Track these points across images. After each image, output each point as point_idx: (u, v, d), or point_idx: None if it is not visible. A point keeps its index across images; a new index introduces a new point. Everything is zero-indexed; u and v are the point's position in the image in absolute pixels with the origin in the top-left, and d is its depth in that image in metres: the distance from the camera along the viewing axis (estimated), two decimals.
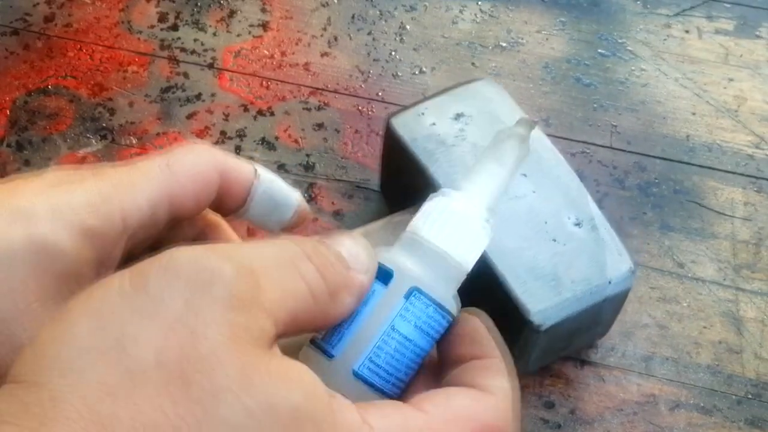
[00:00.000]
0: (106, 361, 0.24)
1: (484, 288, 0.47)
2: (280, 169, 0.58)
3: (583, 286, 0.45)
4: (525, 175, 0.48)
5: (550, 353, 0.49)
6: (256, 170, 0.38)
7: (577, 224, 0.47)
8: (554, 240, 0.46)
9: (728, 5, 0.66)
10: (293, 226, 0.40)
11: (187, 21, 0.65)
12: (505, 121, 0.50)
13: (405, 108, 0.51)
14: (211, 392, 0.24)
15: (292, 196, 0.39)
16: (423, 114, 0.50)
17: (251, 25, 0.65)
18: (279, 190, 0.39)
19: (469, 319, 0.32)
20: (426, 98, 0.52)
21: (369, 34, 0.64)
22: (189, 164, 0.34)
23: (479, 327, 0.32)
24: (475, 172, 0.33)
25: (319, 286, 0.29)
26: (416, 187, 0.50)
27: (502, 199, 0.47)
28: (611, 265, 0.46)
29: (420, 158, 0.49)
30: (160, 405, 0.24)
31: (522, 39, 0.64)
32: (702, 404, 0.50)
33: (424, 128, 0.50)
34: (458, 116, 0.50)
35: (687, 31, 0.65)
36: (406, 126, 0.50)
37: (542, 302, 0.44)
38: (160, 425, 0.24)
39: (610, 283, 0.45)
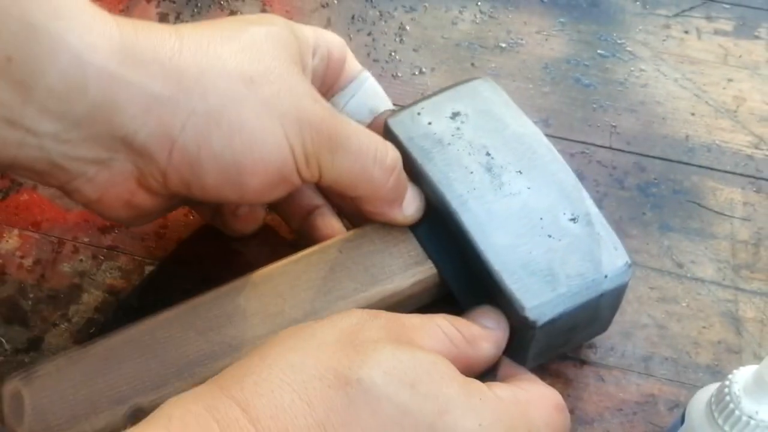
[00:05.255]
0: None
1: (480, 286, 0.47)
2: None
3: (578, 281, 0.45)
4: (520, 172, 0.48)
5: (548, 351, 0.48)
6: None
7: (573, 219, 0.47)
8: (549, 236, 0.46)
9: (727, 6, 0.66)
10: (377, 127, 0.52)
11: (187, 22, 0.65)
12: (501, 118, 0.50)
13: (401, 108, 0.52)
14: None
15: (388, 100, 0.54)
16: (419, 114, 0.51)
17: None
18: (380, 89, 0.54)
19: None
20: (423, 98, 0.52)
21: (369, 34, 0.65)
22: (330, 33, 0.50)
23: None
24: None
25: (456, 335, 0.42)
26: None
27: (496, 196, 0.47)
28: (607, 259, 0.46)
29: (416, 157, 0.49)
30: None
31: (522, 39, 0.64)
32: None
33: (421, 127, 0.50)
34: (455, 115, 0.50)
35: (686, 32, 0.65)
36: (402, 126, 0.50)
37: (537, 298, 0.44)
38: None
39: (606, 277, 0.45)
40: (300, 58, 0.46)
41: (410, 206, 0.48)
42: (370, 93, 0.52)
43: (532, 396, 0.41)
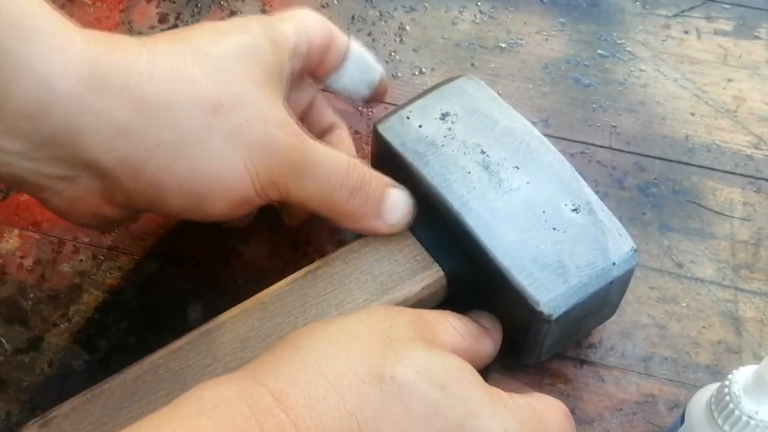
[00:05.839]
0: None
1: (486, 285, 0.47)
2: None
3: (588, 270, 0.45)
4: (517, 167, 0.48)
5: (561, 342, 0.49)
6: (349, 36, 0.51)
7: (575, 210, 0.47)
8: (554, 228, 0.46)
9: (727, 6, 0.66)
10: (377, 94, 0.55)
11: (187, 22, 0.65)
12: (490, 114, 0.50)
13: (389, 113, 0.51)
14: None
15: (377, 64, 0.54)
16: (408, 117, 0.50)
17: None
18: (368, 56, 0.53)
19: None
20: (409, 101, 0.52)
21: (369, 35, 0.65)
22: (313, 17, 0.49)
23: None
24: None
25: (464, 330, 0.44)
26: (410, 190, 0.49)
27: (496, 194, 0.47)
28: (613, 246, 0.46)
29: (412, 162, 0.49)
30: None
31: (521, 40, 0.64)
32: None
33: (412, 131, 0.50)
34: (444, 116, 0.50)
35: (686, 32, 0.65)
36: (393, 131, 0.50)
37: (550, 291, 0.45)
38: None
39: (614, 264, 0.46)
40: (275, 68, 0.46)
41: (393, 214, 0.48)
42: (361, 65, 0.52)
43: (544, 405, 0.42)
